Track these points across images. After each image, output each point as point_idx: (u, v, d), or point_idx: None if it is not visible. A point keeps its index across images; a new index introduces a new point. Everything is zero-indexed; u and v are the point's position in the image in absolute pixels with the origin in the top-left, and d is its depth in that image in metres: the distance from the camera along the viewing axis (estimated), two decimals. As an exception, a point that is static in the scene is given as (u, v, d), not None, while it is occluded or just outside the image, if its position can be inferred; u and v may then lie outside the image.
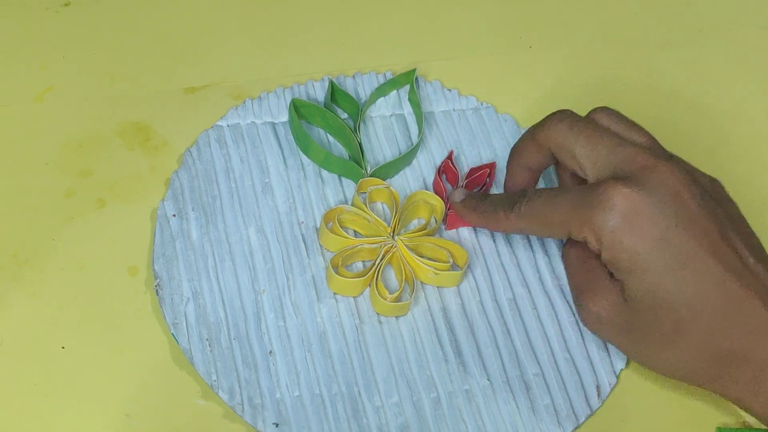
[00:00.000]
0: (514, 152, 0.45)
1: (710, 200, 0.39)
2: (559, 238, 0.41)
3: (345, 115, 0.51)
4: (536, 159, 0.44)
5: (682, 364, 0.39)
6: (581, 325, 0.44)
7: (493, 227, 0.44)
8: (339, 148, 0.49)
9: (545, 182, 0.49)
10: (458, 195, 0.46)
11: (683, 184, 0.39)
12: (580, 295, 0.42)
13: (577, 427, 0.42)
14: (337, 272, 0.44)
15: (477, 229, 0.47)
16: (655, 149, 0.41)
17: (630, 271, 0.39)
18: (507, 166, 0.46)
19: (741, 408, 0.39)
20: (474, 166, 0.49)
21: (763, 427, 0.41)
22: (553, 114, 0.43)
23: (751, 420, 0.43)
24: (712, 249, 0.38)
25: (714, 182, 0.41)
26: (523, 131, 0.51)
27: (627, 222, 0.38)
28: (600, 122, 0.42)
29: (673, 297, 0.38)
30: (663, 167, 0.39)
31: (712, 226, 0.38)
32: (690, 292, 0.38)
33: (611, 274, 0.41)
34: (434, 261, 0.45)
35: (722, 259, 0.38)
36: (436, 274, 0.44)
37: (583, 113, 0.43)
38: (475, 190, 0.48)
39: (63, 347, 0.43)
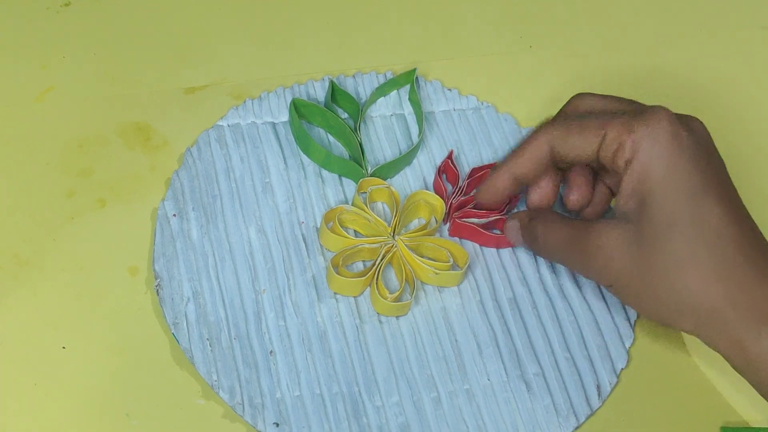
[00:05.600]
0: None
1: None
2: (590, 143, 0.40)
3: (345, 115, 0.51)
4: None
5: (685, 295, 0.38)
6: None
7: (533, 137, 0.43)
8: (339, 148, 0.49)
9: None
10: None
11: (710, 139, 0.41)
12: (579, 246, 0.41)
13: (577, 427, 0.42)
14: (337, 272, 0.44)
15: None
16: None
17: (657, 188, 0.39)
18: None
19: (715, 349, 0.39)
20: (474, 165, 0.49)
21: None
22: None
23: (754, 418, 0.43)
24: (737, 200, 0.40)
25: None
26: (523, 131, 0.51)
27: (669, 141, 0.39)
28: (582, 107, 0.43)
29: (695, 221, 0.38)
30: (697, 120, 0.41)
31: (732, 185, 0.40)
32: (713, 219, 0.38)
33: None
34: (434, 261, 0.45)
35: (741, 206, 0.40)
36: (437, 273, 0.44)
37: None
38: (476, 191, 0.48)
39: (63, 347, 0.43)
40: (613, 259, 0.40)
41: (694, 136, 0.40)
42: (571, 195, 0.44)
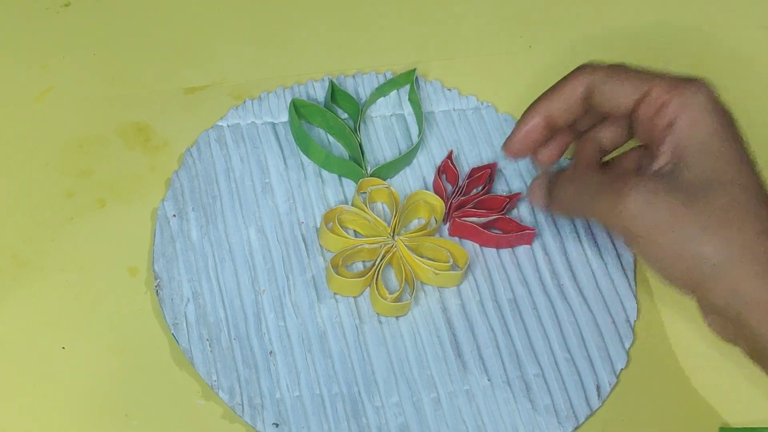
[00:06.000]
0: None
1: None
2: (631, 94, 0.40)
3: (345, 115, 0.51)
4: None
5: (717, 256, 0.37)
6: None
7: (570, 75, 0.42)
8: (339, 148, 0.49)
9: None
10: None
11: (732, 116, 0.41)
12: (610, 192, 0.39)
13: (577, 427, 0.42)
14: (337, 272, 0.44)
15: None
16: None
17: (699, 150, 0.39)
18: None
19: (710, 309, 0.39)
20: (474, 165, 0.49)
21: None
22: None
23: (754, 419, 0.43)
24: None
25: None
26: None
27: (712, 109, 0.39)
28: None
29: (736, 184, 0.38)
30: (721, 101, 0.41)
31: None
32: (752, 185, 0.38)
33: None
34: (434, 261, 0.45)
35: None
36: (437, 274, 0.44)
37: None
38: (475, 191, 0.48)
39: (63, 347, 0.43)
40: (644, 211, 0.38)
41: (730, 113, 0.40)
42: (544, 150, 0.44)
